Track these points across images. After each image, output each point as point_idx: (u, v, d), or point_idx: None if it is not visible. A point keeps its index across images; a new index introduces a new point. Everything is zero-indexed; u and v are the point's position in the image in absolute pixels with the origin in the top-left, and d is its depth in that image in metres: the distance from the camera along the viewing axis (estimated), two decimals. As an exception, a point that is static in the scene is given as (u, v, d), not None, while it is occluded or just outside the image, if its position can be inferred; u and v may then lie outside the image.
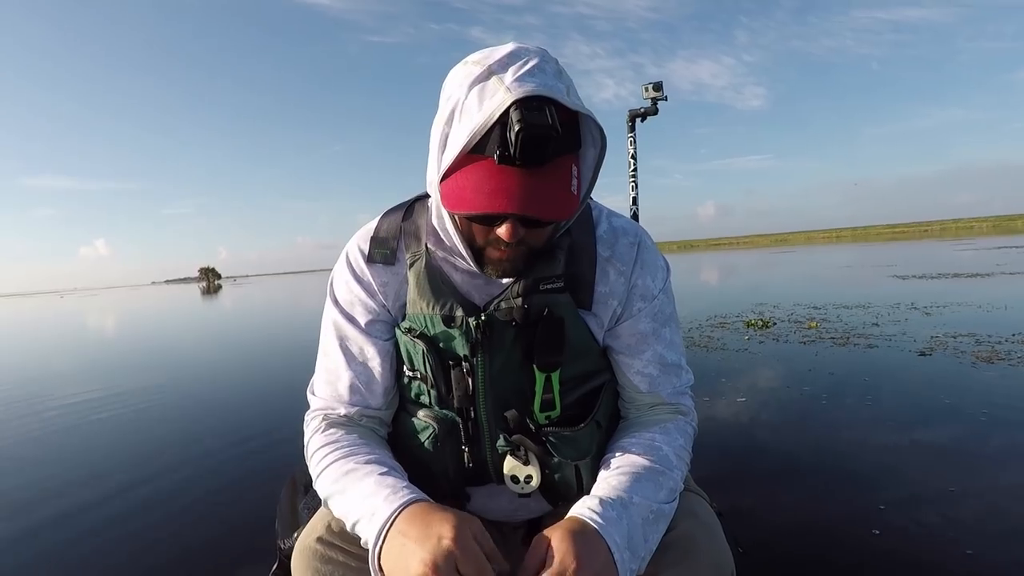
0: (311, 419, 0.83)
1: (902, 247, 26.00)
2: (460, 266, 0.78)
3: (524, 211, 0.62)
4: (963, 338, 4.21)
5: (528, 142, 0.58)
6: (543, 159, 0.61)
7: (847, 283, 9.84)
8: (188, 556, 1.76)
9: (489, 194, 0.62)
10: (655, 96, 3.98)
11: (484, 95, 0.62)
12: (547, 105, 0.59)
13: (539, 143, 0.59)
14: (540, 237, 0.72)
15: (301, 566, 0.71)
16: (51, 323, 16.36)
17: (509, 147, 0.59)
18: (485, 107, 0.61)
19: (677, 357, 0.84)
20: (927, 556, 1.48)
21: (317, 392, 0.84)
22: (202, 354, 6.97)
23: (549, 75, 0.63)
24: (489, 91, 0.62)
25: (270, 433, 3.02)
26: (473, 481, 0.83)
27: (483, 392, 0.77)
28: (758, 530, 1.66)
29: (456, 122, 0.65)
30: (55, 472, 2.69)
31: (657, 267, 0.84)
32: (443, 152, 0.66)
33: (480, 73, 0.63)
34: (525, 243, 0.70)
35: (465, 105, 0.63)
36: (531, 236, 0.70)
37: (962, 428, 2.40)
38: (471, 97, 0.63)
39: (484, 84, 0.63)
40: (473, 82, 0.63)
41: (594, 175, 0.72)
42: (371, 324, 0.82)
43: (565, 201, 0.64)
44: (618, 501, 0.67)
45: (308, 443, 0.80)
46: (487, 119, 0.60)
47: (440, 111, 0.67)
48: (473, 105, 0.62)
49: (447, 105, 0.66)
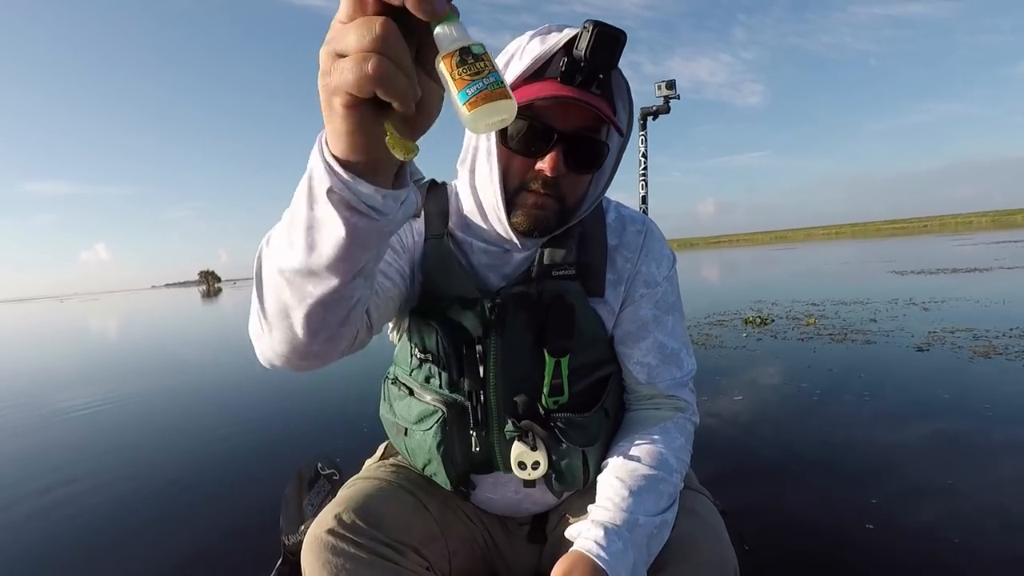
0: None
1: (901, 243, 25.98)
2: (478, 247, 0.80)
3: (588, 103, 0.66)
4: (961, 333, 4.22)
5: (603, 39, 0.63)
6: (611, 64, 0.66)
7: (846, 279, 9.84)
8: (191, 553, 1.77)
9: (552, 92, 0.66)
10: (668, 94, 3.98)
11: (548, 38, 0.69)
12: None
13: (613, 45, 0.64)
14: (575, 187, 0.75)
15: (311, 558, 0.71)
16: (49, 329, 16.35)
17: (579, 56, 0.64)
18: (551, 40, 0.68)
19: (678, 346, 0.84)
20: (929, 551, 1.49)
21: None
22: (201, 355, 6.95)
23: None
24: (552, 35, 0.69)
25: (273, 431, 3.03)
26: (479, 468, 0.83)
27: (494, 375, 0.78)
28: (762, 527, 1.66)
29: (516, 60, 0.70)
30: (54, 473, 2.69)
31: (663, 256, 0.85)
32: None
33: (541, 28, 0.71)
34: (561, 190, 0.73)
35: (527, 47, 0.70)
36: (568, 183, 0.73)
37: (959, 423, 2.42)
38: (534, 42, 0.70)
39: (546, 34, 0.70)
40: (535, 33, 0.71)
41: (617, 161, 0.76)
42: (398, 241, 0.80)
43: (616, 119, 0.71)
44: (624, 527, 0.67)
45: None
46: (555, 44, 0.67)
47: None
48: (536, 45, 0.69)
49: (504, 55, 0.73)
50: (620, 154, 0.77)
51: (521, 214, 0.73)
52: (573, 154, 0.69)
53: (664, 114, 3.91)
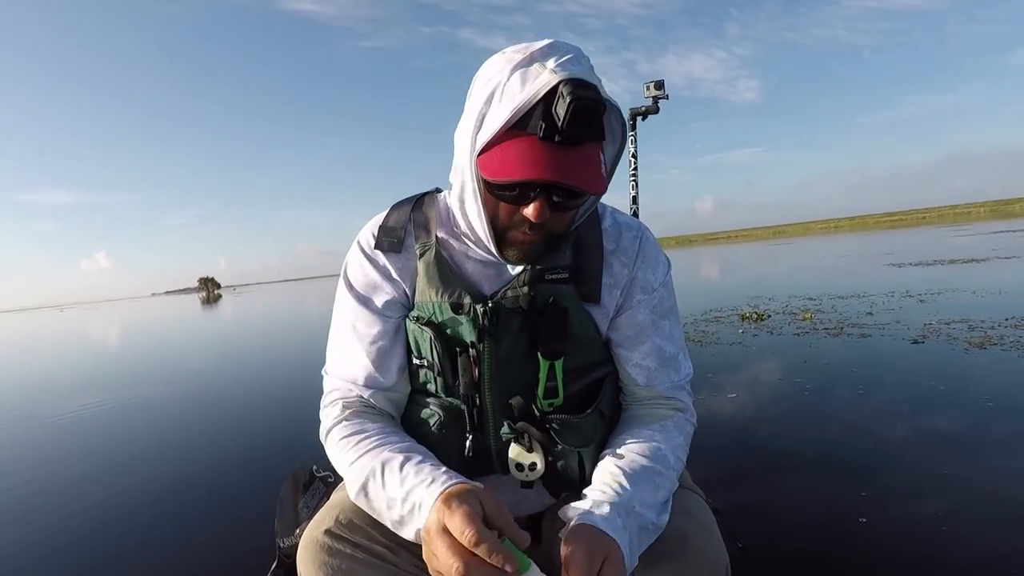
0: (329, 404, 0.83)
1: (899, 235, 25.99)
2: (472, 255, 0.81)
3: (565, 180, 0.66)
4: (956, 324, 4.25)
5: (578, 113, 0.62)
6: (589, 133, 0.65)
7: (843, 273, 9.87)
8: (187, 556, 1.78)
9: (531, 164, 0.65)
10: (656, 95, 4.00)
11: (528, 77, 0.66)
12: (592, 87, 0.64)
13: (589, 115, 0.63)
14: (562, 222, 0.76)
15: (308, 558, 0.71)
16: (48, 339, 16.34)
17: (556, 120, 0.63)
18: (529, 87, 0.65)
19: (676, 350, 0.85)
20: (922, 543, 1.50)
21: (332, 372, 0.85)
22: (199, 360, 6.97)
23: (586, 68, 0.69)
24: (533, 74, 0.66)
25: (268, 434, 3.05)
26: (477, 470, 0.83)
27: (488, 378, 0.78)
28: (756, 524, 1.67)
29: (496, 102, 0.68)
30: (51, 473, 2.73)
31: (658, 261, 0.86)
32: (478, 131, 0.69)
33: (522, 59, 0.68)
34: (547, 228, 0.74)
35: (507, 87, 0.67)
36: (554, 221, 0.73)
37: (953, 415, 2.44)
38: (514, 79, 0.67)
39: (527, 69, 0.67)
40: (516, 67, 0.68)
41: (611, 170, 0.76)
42: (386, 306, 0.83)
43: (598, 178, 0.69)
44: (622, 507, 0.67)
45: (330, 432, 0.80)
46: (533, 96, 0.64)
47: (476, 95, 0.71)
48: (516, 86, 0.67)
49: (485, 88, 0.70)
50: (614, 164, 0.77)
51: (511, 250, 0.76)
52: (556, 198, 0.70)
53: (653, 114, 3.94)
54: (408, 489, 0.66)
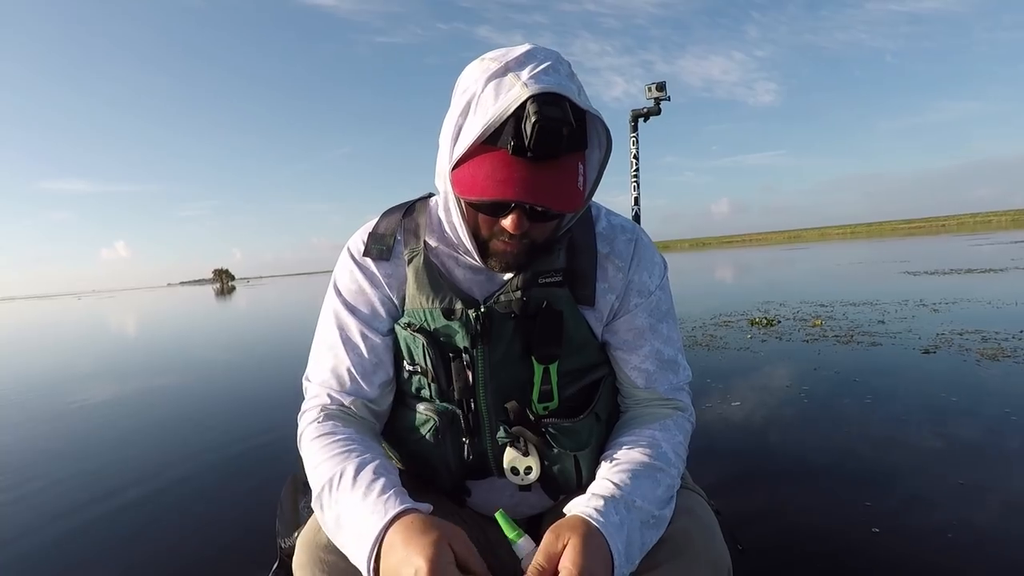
0: (308, 408, 0.82)
1: (917, 243, 25.57)
2: (462, 262, 0.81)
3: (534, 200, 0.65)
4: (970, 335, 4.18)
5: (543, 134, 0.61)
6: (556, 152, 0.64)
7: (857, 280, 9.73)
8: (188, 555, 1.79)
9: (501, 182, 0.64)
10: (658, 96, 4.01)
11: (501, 89, 0.65)
12: (562, 101, 0.63)
13: (554, 136, 0.62)
14: (543, 232, 0.75)
15: (305, 561, 0.71)
16: (59, 327, 16.63)
17: (524, 138, 0.62)
18: (501, 100, 0.64)
19: (674, 353, 0.85)
20: (930, 554, 1.49)
21: (313, 379, 0.84)
22: (205, 354, 7.05)
23: (563, 76, 0.67)
24: (506, 86, 0.65)
25: (270, 432, 3.06)
26: (474, 474, 0.84)
27: (483, 383, 0.78)
28: (761, 530, 1.66)
29: (471, 114, 0.67)
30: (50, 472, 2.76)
31: (654, 264, 0.86)
32: (455, 143, 0.69)
33: (497, 69, 0.66)
34: (529, 237, 0.73)
35: (481, 98, 0.66)
36: (535, 230, 0.73)
37: (964, 426, 2.41)
38: (487, 91, 0.66)
39: (501, 79, 0.66)
40: (490, 77, 0.66)
41: (598, 176, 0.75)
42: (374, 315, 0.83)
43: (572, 195, 0.67)
44: (621, 503, 0.67)
45: (303, 433, 0.79)
46: (503, 111, 0.63)
47: (454, 104, 0.70)
48: (489, 98, 0.65)
49: (462, 98, 0.69)
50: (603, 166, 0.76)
51: (494, 259, 0.76)
52: (534, 209, 0.69)
53: (655, 116, 3.94)
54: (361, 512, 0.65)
